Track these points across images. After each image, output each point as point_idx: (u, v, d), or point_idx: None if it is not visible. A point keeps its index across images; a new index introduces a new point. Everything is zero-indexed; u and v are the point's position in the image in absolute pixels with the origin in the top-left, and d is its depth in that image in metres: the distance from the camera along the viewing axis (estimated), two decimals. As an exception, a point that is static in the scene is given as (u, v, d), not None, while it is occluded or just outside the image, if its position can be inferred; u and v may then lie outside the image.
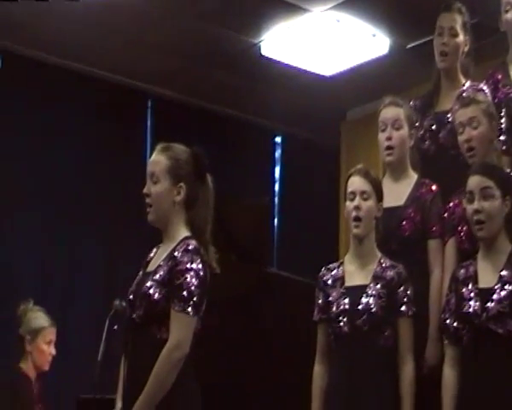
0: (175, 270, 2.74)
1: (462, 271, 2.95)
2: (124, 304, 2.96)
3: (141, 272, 2.91)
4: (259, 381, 3.87)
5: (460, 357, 2.90)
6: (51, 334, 4.26)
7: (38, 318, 4.24)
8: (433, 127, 3.63)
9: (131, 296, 2.82)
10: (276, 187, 6.64)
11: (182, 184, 2.85)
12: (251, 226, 3.94)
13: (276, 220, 6.54)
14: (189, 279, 2.72)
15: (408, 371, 3.01)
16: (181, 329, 2.70)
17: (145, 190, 2.85)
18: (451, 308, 2.94)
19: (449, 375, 2.91)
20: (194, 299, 2.72)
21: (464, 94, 3.40)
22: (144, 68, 5.61)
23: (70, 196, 5.47)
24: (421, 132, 3.65)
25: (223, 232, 3.79)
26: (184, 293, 2.71)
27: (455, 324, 2.91)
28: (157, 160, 2.86)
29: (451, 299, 2.95)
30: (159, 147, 2.91)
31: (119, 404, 2.79)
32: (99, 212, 5.56)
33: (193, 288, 2.72)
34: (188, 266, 2.74)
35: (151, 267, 2.86)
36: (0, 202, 5.22)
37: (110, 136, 5.69)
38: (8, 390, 4.09)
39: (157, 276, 2.77)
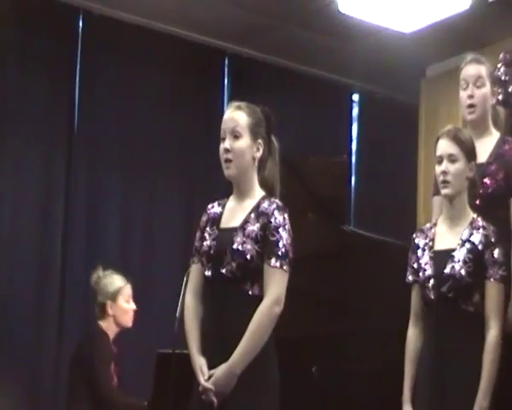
0: (268, 226, 2.78)
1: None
2: (194, 258, 2.97)
3: (213, 228, 2.90)
4: (336, 339, 3.88)
5: None
6: (128, 290, 4.36)
7: (114, 280, 4.33)
8: None
9: (214, 252, 2.85)
10: (354, 145, 6.59)
11: (260, 140, 2.88)
12: (329, 184, 3.92)
13: (353, 179, 6.50)
14: (283, 236, 2.77)
15: (490, 336, 2.92)
16: (279, 285, 2.75)
17: (226, 146, 2.86)
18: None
19: None
20: (289, 255, 2.78)
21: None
22: (221, 26, 5.61)
23: (148, 154, 5.55)
24: None
25: (300, 190, 3.79)
26: (281, 249, 2.76)
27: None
28: (237, 116, 2.87)
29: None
30: (233, 105, 2.92)
31: (201, 359, 2.79)
32: (176, 168, 5.62)
33: (288, 244, 2.78)
34: (281, 222, 2.78)
35: (229, 223, 2.87)
36: (81, 159, 5.34)
37: (187, 93, 5.73)
38: (87, 345, 4.21)
39: (247, 232, 2.80)
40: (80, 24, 5.38)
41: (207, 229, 2.91)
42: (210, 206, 3.00)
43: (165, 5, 5.32)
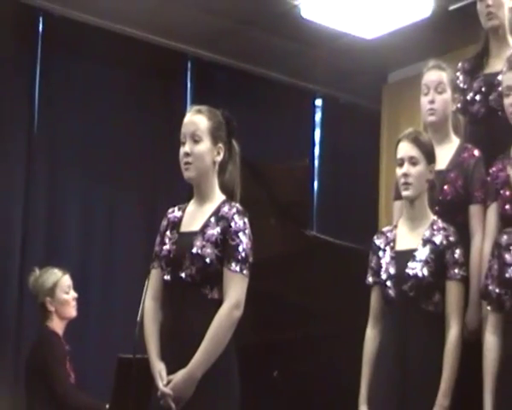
0: (228, 230, 2.77)
1: (505, 237, 2.92)
2: (154, 263, 2.96)
3: (173, 232, 2.89)
4: (298, 343, 3.89)
5: (501, 323, 2.87)
6: (66, 281, 4.29)
7: (48, 275, 4.27)
8: (483, 89, 3.58)
9: (174, 256, 2.83)
10: (316, 150, 6.61)
11: (221, 144, 2.87)
12: (291, 189, 3.94)
13: (315, 184, 6.53)
14: (243, 240, 2.77)
15: (450, 336, 2.98)
16: (238, 289, 2.75)
17: (186, 150, 2.85)
18: (494, 274, 2.91)
19: (490, 342, 2.88)
20: (249, 259, 2.78)
21: (512, 56, 3.35)
22: (184, 30, 5.60)
23: (109, 157, 5.51)
24: (471, 95, 3.61)
25: (262, 195, 3.80)
26: (241, 254, 2.76)
27: (497, 290, 2.88)
28: (197, 120, 2.87)
29: (494, 265, 2.92)
30: (194, 108, 2.93)
31: (160, 364, 2.77)
32: (138, 171, 5.59)
33: (248, 249, 2.78)
34: (241, 227, 2.79)
35: (189, 227, 2.86)
36: (41, 160, 5.28)
37: (150, 97, 5.71)
38: (39, 348, 4.17)
39: (207, 236, 2.79)
40: (40, 25, 5.32)
41: (167, 233, 2.91)
42: (170, 210, 2.99)
43: (127, 8, 5.29)
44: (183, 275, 2.78)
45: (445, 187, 3.31)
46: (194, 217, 2.88)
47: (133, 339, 3.40)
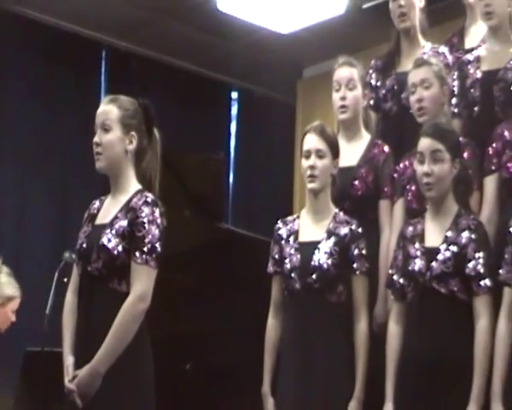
0: (135, 222, 2.72)
1: (410, 228, 2.99)
2: (74, 256, 2.93)
3: (88, 225, 2.87)
4: (211, 335, 3.90)
5: (404, 313, 2.94)
6: (18, 304, 4.23)
7: (12, 286, 4.17)
8: (395, 88, 3.65)
9: (83, 249, 2.79)
10: (232, 142, 6.63)
11: (133, 133, 2.84)
12: (205, 181, 3.93)
13: (231, 176, 6.54)
14: (151, 231, 2.72)
15: (361, 327, 3.03)
16: (144, 281, 2.70)
17: (96, 139, 2.82)
18: (398, 265, 2.97)
19: (393, 330, 2.95)
20: (157, 251, 2.72)
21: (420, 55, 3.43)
22: (99, 19, 5.52)
23: (20, 144, 5.38)
24: (383, 92, 3.68)
25: (177, 187, 3.79)
26: (147, 245, 2.70)
27: (401, 280, 2.95)
28: (107, 109, 2.83)
29: (398, 255, 2.98)
30: (106, 98, 2.89)
31: (70, 359, 2.74)
32: (50, 161, 5.48)
33: (155, 240, 2.72)
34: (149, 218, 2.73)
35: (102, 220, 2.83)
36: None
37: (62, 86, 5.60)
38: None
39: (115, 228, 2.74)
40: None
41: (84, 226, 2.87)
42: (93, 202, 2.94)
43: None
44: (89, 269, 2.74)
45: (356, 183, 3.36)
46: (108, 209, 2.84)
47: (42, 332, 3.35)
